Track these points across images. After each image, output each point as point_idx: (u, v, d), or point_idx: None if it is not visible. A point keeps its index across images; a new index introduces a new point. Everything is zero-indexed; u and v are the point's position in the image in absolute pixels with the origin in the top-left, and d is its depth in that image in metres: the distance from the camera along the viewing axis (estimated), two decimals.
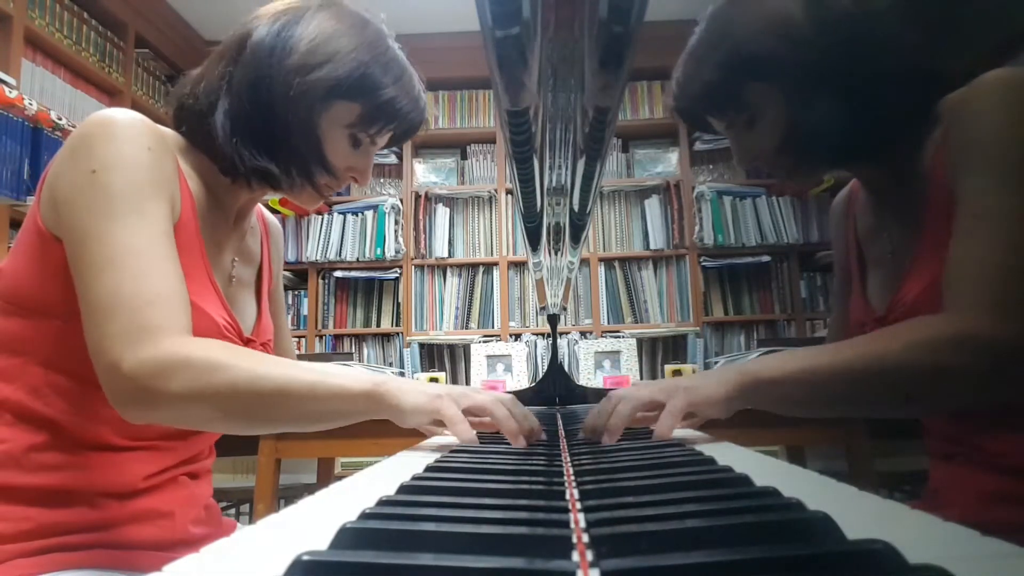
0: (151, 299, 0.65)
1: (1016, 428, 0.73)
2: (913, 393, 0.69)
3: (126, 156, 0.69)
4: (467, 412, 0.70)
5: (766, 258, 3.24)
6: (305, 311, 3.33)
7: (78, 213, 0.67)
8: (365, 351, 3.32)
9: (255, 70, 0.77)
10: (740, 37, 0.80)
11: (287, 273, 3.31)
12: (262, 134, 0.77)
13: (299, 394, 0.67)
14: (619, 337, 3.07)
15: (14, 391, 0.71)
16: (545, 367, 1.47)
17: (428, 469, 0.51)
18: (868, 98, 0.76)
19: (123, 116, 0.71)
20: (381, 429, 0.72)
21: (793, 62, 0.77)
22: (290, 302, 3.34)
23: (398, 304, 3.34)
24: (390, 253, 3.29)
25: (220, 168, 0.80)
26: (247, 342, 0.84)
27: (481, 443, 0.70)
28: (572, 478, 0.47)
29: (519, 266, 3.36)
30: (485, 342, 3.11)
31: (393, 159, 3.44)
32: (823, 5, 0.77)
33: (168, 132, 0.78)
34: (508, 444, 0.70)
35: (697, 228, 3.27)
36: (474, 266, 3.38)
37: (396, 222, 3.33)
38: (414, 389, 0.70)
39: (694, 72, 0.84)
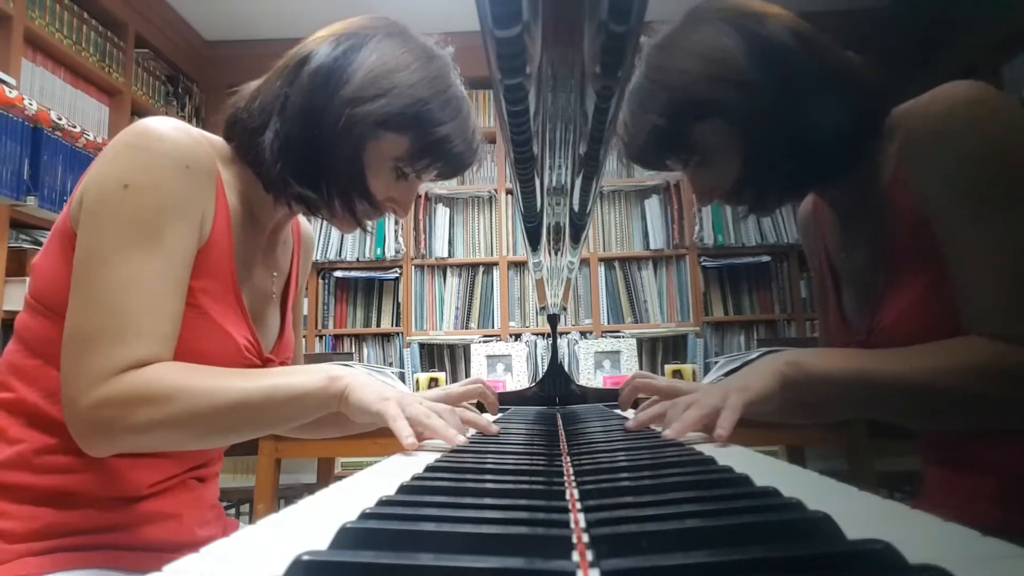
0: (134, 338, 0.64)
1: (1007, 434, 0.73)
2: (963, 414, 0.70)
3: (161, 175, 0.68)
4: (409, 420, 0.69)
5: (766, 258, 3.24)
6: (305, 311, 3.32)
7: (97, 225, 0.66)
8: (365, 351, 3.32)
9: (309, 96, 0.75)
10: (678, 82, 0.78)
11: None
12: (309, 162, 0.76)
13: (257, 403, 0.68)
14: (619, 337, 3.07)
15: (31, 393, 0.71)
16: (545, 367, 1.47)
17: (428, 469, 0.51)
18: (816, 125, 0.75)
19: (166, 129, 0.70)
20: (381, 429, 0.72)
21: (735, 101, 0.76)
22: None
23: (398, 304, 3.34)
24: (390, 253, 3.29)
25: (264, 187, 0.79)
26: (266, 361, 0.83)
27: (482, 443, 0.70)
28: (572, 478, 0.47)
29: (519, 266, 3.36)
30: (485, 342, 3.11)
31: None
32: (758, 38, 0.75)
33: (214, 141, 0.78)
34: (507, 444, 0.70)
35: (697, 228, 3.27)
36: (474, 266, 3.38)
37: (396, 222, 3.32)
38: (365, 386, 0.70)
39: (638, 120, 0.82)
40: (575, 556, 0.28)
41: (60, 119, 2.27)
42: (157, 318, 0.66)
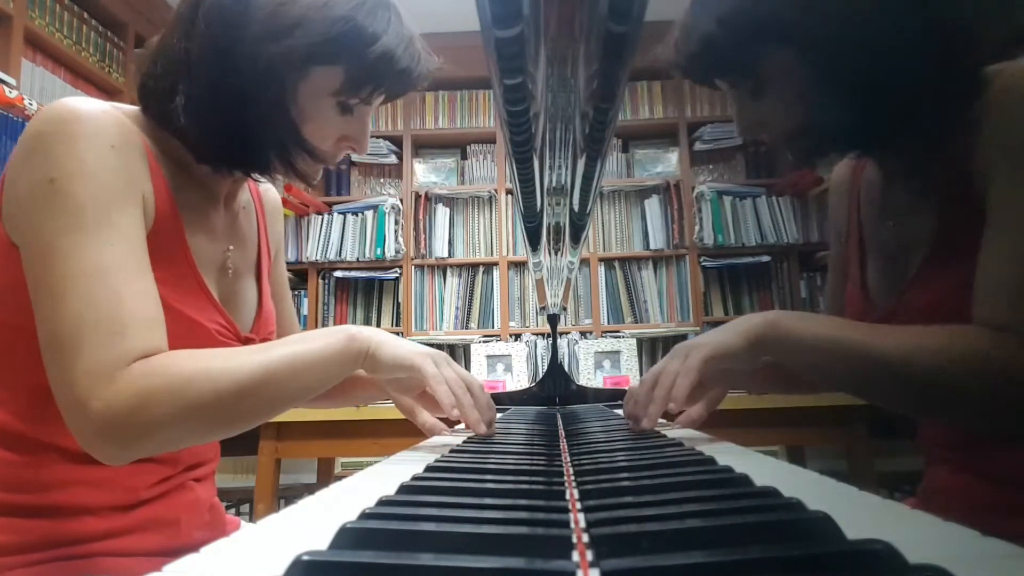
0: (121, 327, 0.58)
1: (1010, 438, 0.71)
2: (940, 401, 0.65)
3: (88, 160, 0.61)
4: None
5: (766, 258, 3.24)
6: (305, 311, 3.32)
7: (37, 227, 0.60)
8: None
9: (211, 44, 0.65)
10: None
11: (287, 273, 3.30)
12: (229, 120, 0.67)
13: (281, 375, 0.63)
14: (619, 337, 3.07)
15: (4, 414, 0.67)
16: (545, 367, 1.47)
17: (428, 469, 0.51)
18: (901, 70, 0.65)
19: (83, 109, 0.63)
20: (381, 429, 0.72)
21: (812, 23, 0.66)
22: None
23: (398, 304, 3.34)
24: (390, 253, 3.29)
25: (193, 156, 0.71)
26: (245, 341, 0.78)
27: (482, 443, 0.70)
28: (572, 478, 0.47)
29: (519, 266, 3.35)
30: (485, 342, 3.11)
31: (393, 159, 3.44)
32: None
33: (137, 113, 0.71)
34: (508, 444, 0.70)
35: (697, 228, 3.27)
36: (474, 266, 3.38)
37: (396, 222, 3.33)
38: (393, 342, 0.68)
39: (696, 25, 0.72)
40: (575, 556, 0.28)
41: None
42: (139, 302, 0.60)
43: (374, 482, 0.50)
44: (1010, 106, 0.64)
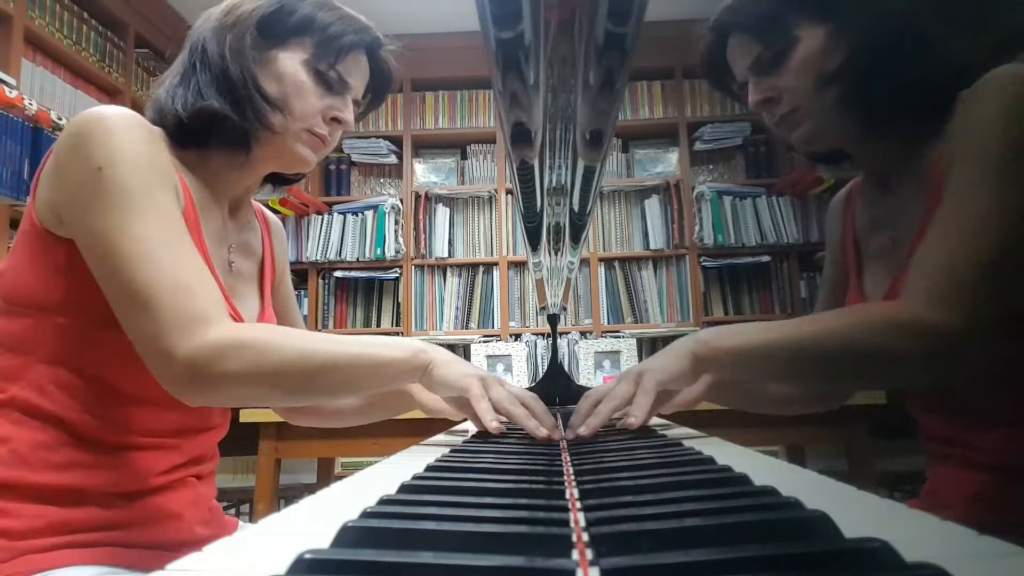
0: (188, 287, 0.66)
1: (1008, 424, 0.73)
2: (857, 371, 0.72)
3: (128, 150, 0.69)
4: (493, 403, 0.74)
5: (766, 258, 3.24)
6: (305, 311, 3.32)
7: (91, 213, 0.67)
8: None
9: (202, 49, 0.82)
10: None
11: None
12: (205, 82, 0.80)
13: (344, 367, 0.71)
14: (619, 337, 3.07)
15: (20, 389, 0.71)
16: (545, 367, 1.47)
17: (429, 468, 0.51)
18: (915, 74, 0.74)
19: (118, 112, 0.72)
20: (381, 429, 0.73)
21: (848, 4, 0.74)
22: None
23: (398, 304, 3.34)
24: (390, 253, 3.29)
25: (176, 142, 0.79)
26: None
27: (481, 443, 0.71)
28: (572, 477, 0.48)
29: (519, 266, 3.36)
30: (485, 342, 3.11)
31: (393, 159, 3.44)
32: None
33: (157, 128, 0.79)
34: (508, 444, 0.70)
35: (697, 228, 3.27)
36: (474, 266, 3.38)
37: (396, 222, 3.33)
38: (449, 363, 0.75)
39: None
40: (575, 555, 0.28)
41: (60, 119, 2.27)
42: (196, 267, 0.69)
43: (375, 481, 0.51)
44: (969, 108, 0.71)
